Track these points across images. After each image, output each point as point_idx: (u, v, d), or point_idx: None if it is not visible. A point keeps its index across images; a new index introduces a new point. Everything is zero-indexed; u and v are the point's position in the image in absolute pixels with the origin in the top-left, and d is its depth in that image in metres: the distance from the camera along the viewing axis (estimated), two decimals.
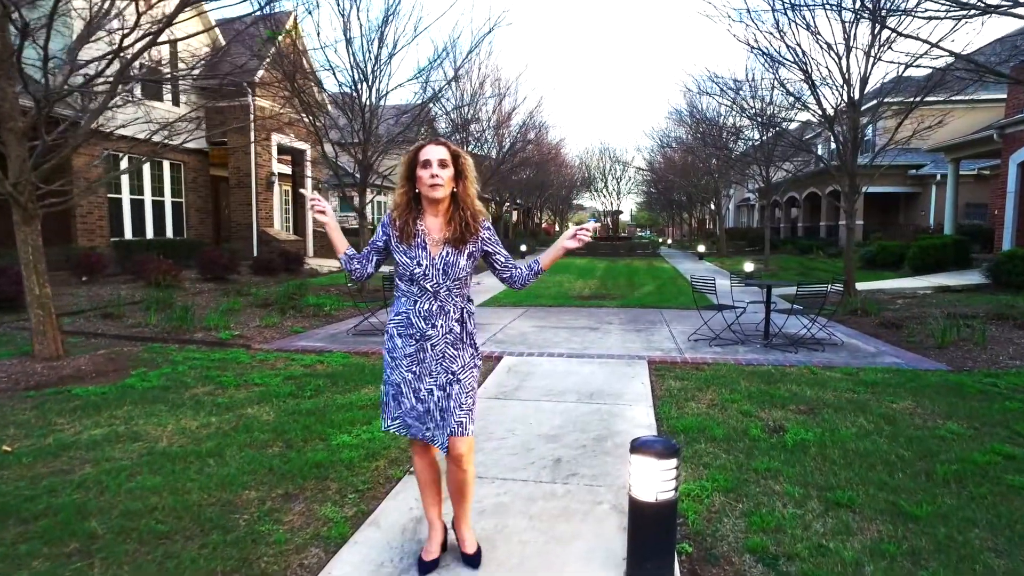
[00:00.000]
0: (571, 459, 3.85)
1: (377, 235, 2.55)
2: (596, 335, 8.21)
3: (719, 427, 4.30)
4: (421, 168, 2.42)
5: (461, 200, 2.48)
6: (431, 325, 2.45)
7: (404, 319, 2.49)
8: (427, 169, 2.40)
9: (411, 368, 2.47)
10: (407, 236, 2.45)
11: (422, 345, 2.46)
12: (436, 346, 2.46)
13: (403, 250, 2.45)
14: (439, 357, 2.47)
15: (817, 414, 4.60)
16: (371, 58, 12.60)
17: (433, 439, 2.47)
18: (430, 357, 2.46)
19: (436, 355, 2.46)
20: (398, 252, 2.47)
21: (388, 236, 2.51)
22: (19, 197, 5.61)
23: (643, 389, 5.43)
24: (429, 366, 2.46)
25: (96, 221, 13.58)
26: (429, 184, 2.40)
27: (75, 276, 11.46)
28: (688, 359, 6.61)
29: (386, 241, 2.53)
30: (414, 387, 2.47)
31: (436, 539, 2.65)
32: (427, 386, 2.46)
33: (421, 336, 2.46)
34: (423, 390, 2.46)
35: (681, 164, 28.93)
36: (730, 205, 45.15)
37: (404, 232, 2.46)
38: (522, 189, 34.69)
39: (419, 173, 2.42)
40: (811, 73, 11.34)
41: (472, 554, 2.61)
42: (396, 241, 2.48)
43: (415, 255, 2.43)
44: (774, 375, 5.80)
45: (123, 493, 3.31)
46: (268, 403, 4.95)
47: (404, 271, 2.46)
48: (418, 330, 2.46)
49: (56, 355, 5.91)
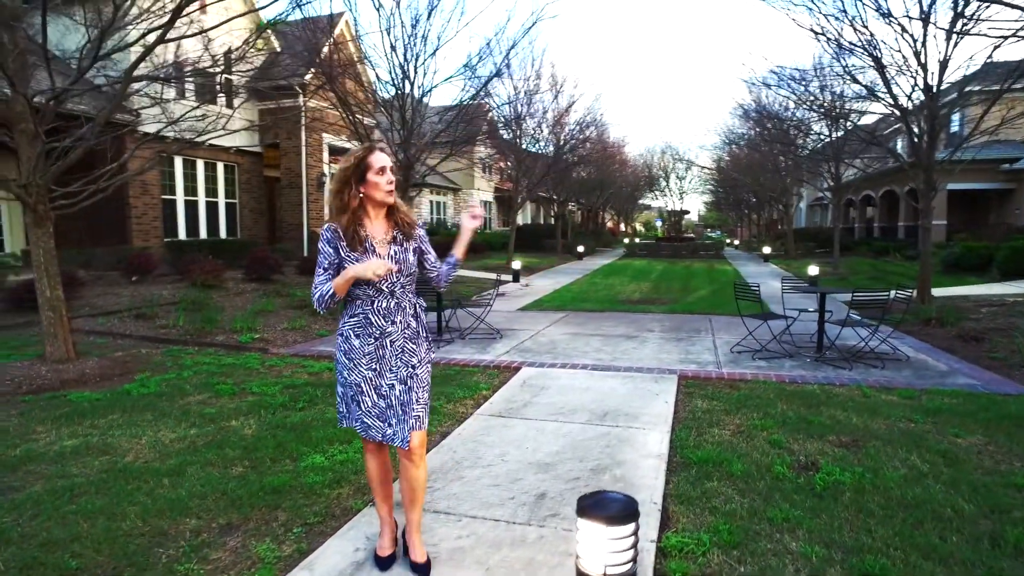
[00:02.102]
0: (557, 495, 3.36)
1: (325, 253, 2.49)
2: (631, 344, 7.62)
3: (739, 461, 3.70)
4: (377, 174, 2.47)
5: (396, 203, 2.57)
6: (391, 322, 2.53)
7: (361, 319, 2.52)
8: (383, 175, 2.47)
9: (371, 366, 2.52)
10: (358, 242, 2.47)
11: (382, 343, 2.51)
12: (395, 342, 2.53)
13: (355, 257, 2.46)
14: (399, 352, 2.54)
15: (860, 448, 3.90)
16: (412, 55, 12.39)
17: (393, 437, 2.50)
18: (390, 353, 2.52)
19: (395, 351, 2.53)
20: (349, 260, 2.46)
21: (336, 248, 2.48)
22: (28, 199, 5.60)
23: (664, 410, 4.85)
24: (389, 362, 2.52)
25: (151, 222, 14.00)
26: (387, 189, 2.48)
27: (126, 276, 11.78)
28: (725, 375, 5.95)
29: (335, 255, 2.48)
30: (375, 384, 2.52)
31: (388, 535, 2.70)
32: (388, 381, 2.52)
33: (381, 334, 2.51)
34: (384, 386, 2.52)
35: (747, 162, 27.50)
36: (802, 204, 42.88)
37: (355, 238, 2.47)
38: (581, 188, 33.95)
39: (374, 179, 2.47)
40: (881, 58, 10.28)
41: (422, 563, 2.59)
42: (346, 250, 2.47)
43: (368, 259, 2.44)
44: (818, 397, 5.08)
45: (57, 517, 3.06)
46: (255, 415, 4.68)
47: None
48: (378, 328, 2.51)
49: (66, 358, 5.89)
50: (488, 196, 38.86)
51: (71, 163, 5.87)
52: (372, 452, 2.64)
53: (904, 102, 10.64)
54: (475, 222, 2.64)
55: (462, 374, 6.09)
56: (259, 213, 17.87)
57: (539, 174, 22.32)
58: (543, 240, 30.77)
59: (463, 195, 36.92)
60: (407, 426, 2.49)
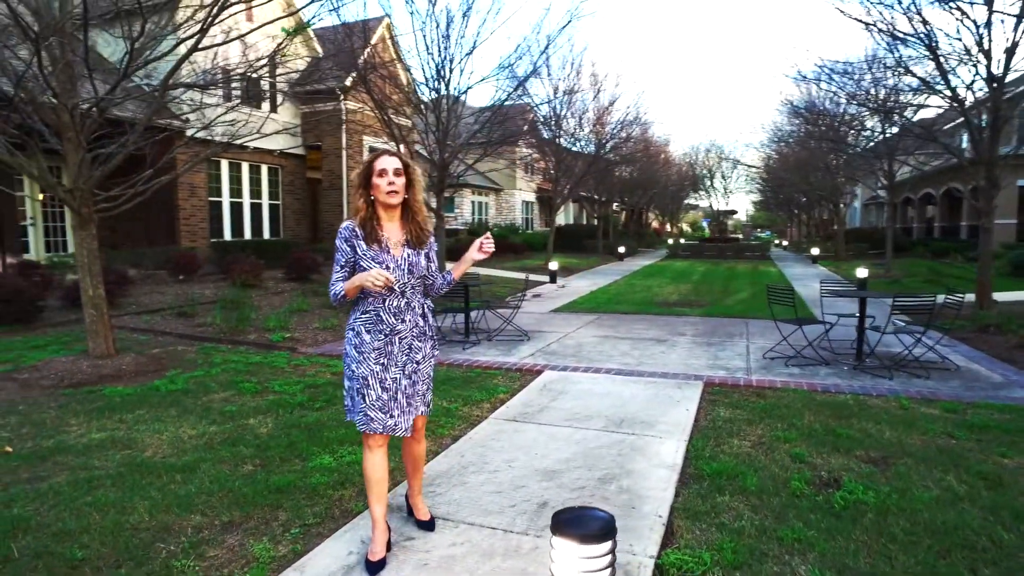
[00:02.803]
0: (559, 504, 3.27)
1: (342, 251, 2.63)
2: (660, 348, 7.45)
3: (756, 474, 3.54)
4: (377, 177, 2.59)
5: (411, 207, 2.70)
6: (400, 320, 2.66)
7: (373, 316, 2.64)
8: (383, 178, 2.58)
9: (379, 360, 2.63)
10: (374, 239, 2.60)
11: (391, 339, 2.65)
12: (404, 339, 2.67)
13: (371, 255, 2.59)
14: (406, 349, 2.68)
15: (890, 465, 3.68)
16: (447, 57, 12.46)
17: (395, 428, 2.64)
18: (397, 349, 2.66)
19: (403, 348, 2.67)
20: (366, 258, 2.59)
21: (353, 246, 2.61)
22: (73, 203, 5.84)
23: (684, 418, 4.70)
24: (396, 358, 2.66)
25: (198, 223, 14.50)
26: (386, 191, 2.58)
27: (173, 275, 12.22)
28: (753, 382, 5.73)
29: (352, 253, 2.61)
30: (380, 377, 2.63)
31: (381, 539, 2.70)
32: (392, 375, 2.65)
33: (391, 331, 2.64)
34: (388, 379, 2.64)
35: (795, 160, 26.59)
36: (856, 204, 41.24)
37: (371, 236, 2.60)
38: (624, 188, 33.49)
39: (376, 181, 2.59)
40: (938, 48, 9.74)
41: (428, 520, 2.95)
42: (364, 248, 2.60)
43: (383, 258, 2.60)
44: (850, 408, 4.83)
45: (73, 508, 3.17)
46: (273, 414, 4.76)
47: None
48: (388, 326, 2.64)
49: (107, 354, 6.13)
50: (530, 196, 38.78)
51: (112, 168, 6.10)
52: (371, 449, 2.68)
53: (964, 94, 10.06)
54: (480, 256, 2.69)
55: (483, 376, 6.05)
56: (302, 214, 18.29)
57: (579, 174, 22.11)
58: (584, 240, 30.51)
59: (505, 195, 36.94)
60: (410, 417, 2.69)
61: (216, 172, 15.30)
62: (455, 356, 6.99)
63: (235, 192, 15.90)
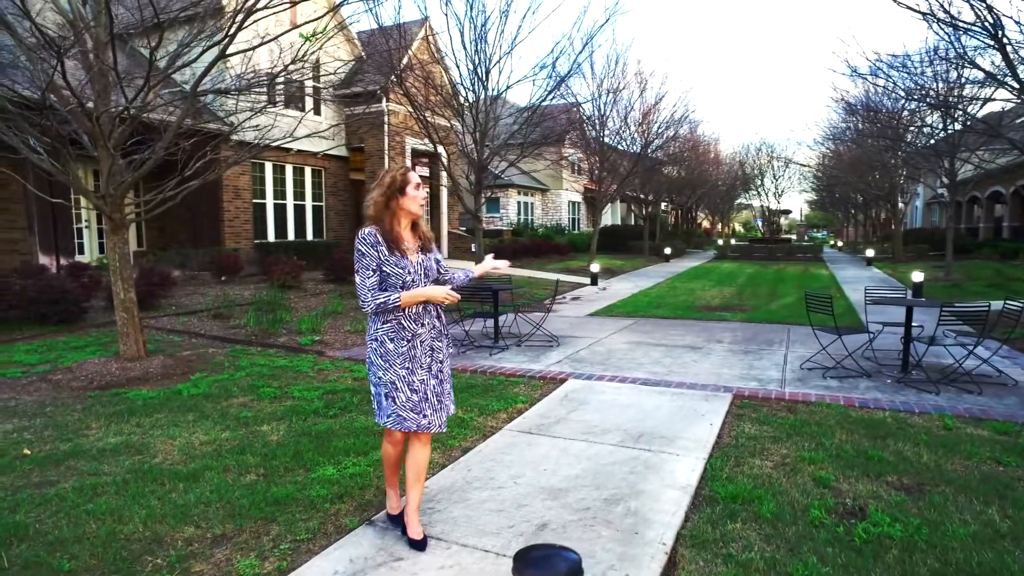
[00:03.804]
0: (560, 527, 3.12)
1: (371, 256, 2.74)
2: (692, 356, 7.17)
3: (773, 499, 3.30)
4: (415, 188, 2.80)
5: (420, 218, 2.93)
6: (420, 324, 2.82)
7: (395, 324, 2.78)
8: (419, 190, 2.81)
9: (404, 365, 2.78)
10: (396, 247, 2.75)
11: (413, 344, 2.80)
12: (424, 342, 2.83)
13: (394, 261, 2.74)
14: (428, 351, 2.84)
15: (924, 494, 3.37)
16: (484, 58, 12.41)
17: (429, 426, 2.82)
18: (420, 352, 2.82)
19: (425, 350, 2.84)
20: (389, 264, 2.73)
21: (378, 252, 2.73)
22: (105, 208, 6.00)
23: (707, 433, 4.46)
24: (420, 360, 2.82)
25: (242, 225, 14.87)
26: (420, 203, 2.81)
27: (216, 276, 12.55)
28: (786, 395, 5.42)
29: (379, 259, 2.73)
30: (408, 380, 2.78)
31: (396, 497, 3.11)
32: (420, 377, 2.80)
33: (412, 336, 2.80)
34: (416, 382, 2.80)
35: (849, 158, 25.44)
36: (918, 203, 39.30)
37: (396, 243, 2.75)
38: (670, 187, 32.81)
39: (413, 193, 2.79)
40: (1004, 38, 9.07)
41: (420, 540, 2.91)
42: (387, 254, 2.73)
43: (405, 264, 2.76)
44: (887, 426, 4.48)
45: (73, 515, 3.20)
46: (287, 420, 4.76)
47: (396, 280, 2.75)
48: (410, 331, 2.79)
49: (137, 356, 6.28)
50: (576, 196, 38.45)
51: (145, 173, 6.24)
52: (393, 443, 2.97)
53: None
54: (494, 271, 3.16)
55: (505, 384, 5.93)
56: (344, 215, 18.56)
57: (623, 173, 21.73)
58: (630, 241, 30.03)
59: (551, 195, 36.72)
60: (445, 413, 2.90)
61: (260, 175, 15.67)
62: (481, 362, 6.90)
63: (279, 194, 16.26)
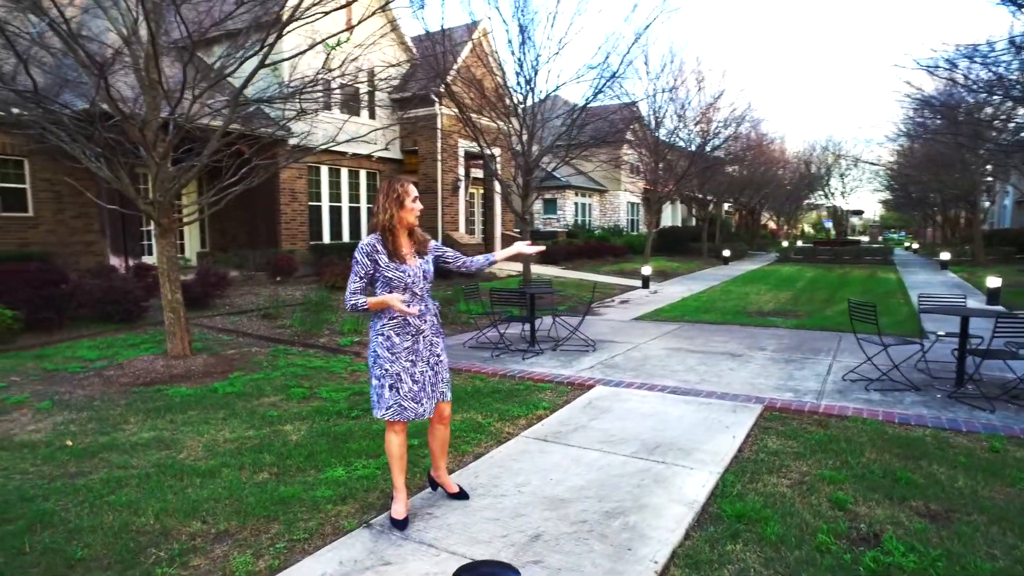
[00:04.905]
0: (553, 539, 3.08)
1: (363, 265, 3.04)
2: (729, 364, 6.94)
3: (781, 520, 3.14)
4: (412, 202, 3.11)
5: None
6: (423, 321, 3.16)
7: (400, 320, 3.09)
8: (417, 203, 3.14)
9: (408, 358, 3.11)
10: (396, 254, 3.06)
11: (416, 339, 3.13)
12: (426, 336, 3.17)
13: (394, 266, 3.05)
14: (428, 345, 3.19)
15: (952, 522, 3.13)
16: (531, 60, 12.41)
17: (424, 413, 3.14)
18: (422, 347, 3.16)
19: (426, 344, 3.18)
20: (390, 269, 3.05)
21: (375, 260, 3.04)
22: (154, 214, 6.35)
23: (727, 446, 4.30)
24: (422, 354, 3.16)
25: (298, 227, 15.42)
26: (416, 214, 3.13)
27: (271, 277, 13.06)
28: (820, 408, 5.16)
29: (373, 267, 3.05)
30: (411, 372, 3.11)
31: (404, 502, 3.22)
32: (420, 369, 3.14)
33: (416, 331, 3.13)
34: (417, 373, 3.13)
35: (924, 156, 23.96)
36: (1007, 202, 36.54)
37: (395, 250, 3.06)
38: (730, 187, 31.84)
39: (410, 205, 3.11)
40: None
41: (459, 491, 3.46)
42: (386, 260, 3.04)
43: (404, 268, 3.06)
44: (924, 446, 4.19)
45: (95, 506, 3.39)
46: (310, 421, 4.89)
47: (399, 283, 3.06)
48: (414, 327, 3.12)
49: (182, 354, 6.60)
50: (635, 198, 37.88)
51: (191, 180, 6.56)
52: (396, 432, 3.18)
53: None
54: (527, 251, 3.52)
55: (530, 390, 5.90)
56: None
57: (679, 172, 21.27)
58: (689, 243, 29.34)
59: (609, 196, 36.34)
60: (434, 401, 3.21)
61: (316, 178, 16.20)
62: (512, 367, 6.88)
63: (334, 197, 16.76)
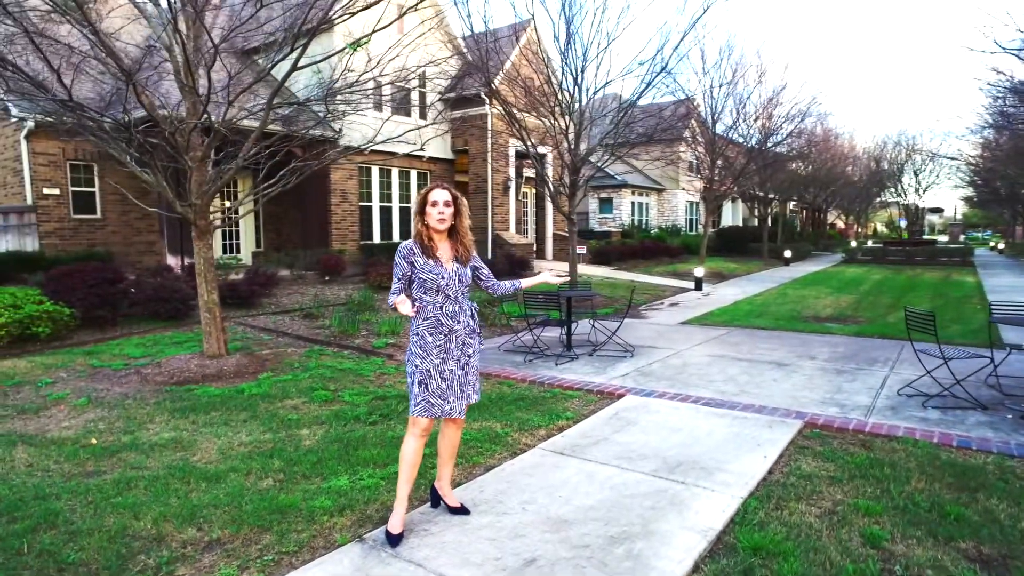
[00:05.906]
0: (548, 564, 2.88)
1: (400, 267, 3.15)
2: (774, 375, 6.52)
3: (802, 557, 2.84)
4: (431, 207, 3.13)
5: (458, 230, 3.23)
6: (456, 321, 3.20)
7: (433, 321, 3.16)
8: (435, 208, 3.13)
9: (440, 355, 3.16)
10: (431, 255, 3.14)
11: (449, 338, 3.18)
12: (459, 337, 3.21)
13: (430, 267, 3.14)
14: (460, 345, 3.22)
15: (1007, 572, 2.74)
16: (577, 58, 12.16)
17: (451, 411, 3.17)
18: (454, 346, 3.19)
19: (458, 344, 3.21)
20: (425, 271, 3.13)
21: (411, 262, 3.14)
22: (191, 215, 6.49)
23: (756, 467, 3.98)
24: (453, 353, 3.19)
25: (348, 227, 15.66)
26: (436, 219, 3.13)
27: (320, 277, 13.31)
28: (867, 426, 4.74)
29: (410, 268, 3.14)
30: (440, 370, 3.16)
31: (402, 515, 3.17)
32: (450, 367, 3.18)
33: (449, 331, 3.18)
34: (447, 371, 3.17)
35: (1012, 149, 22.18)
36: None
37: (429, 252, 3.14)
38: (792, 185, 30.46)
39: (430, 210, 3.13)
40: None
41: (459, 506, 3.41)
42: (422, 261, 3.13)
43: (439, 271, 3.14)
44: (983, 475, 3.74)
45: (101, 507, 3.43)
46: (327, 425, 4.85)
47: (432, 284, 3.14)
48: (446, 327, 3.17)
49: (217, 354, 6.73)
50: (694, 196, 36.87)
51: (226, 182, 6.68)
52: (416, 437, 3.18)
53: None
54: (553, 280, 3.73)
55: (557, 398, 5.70)
56: None
57: (737, 169, 20.46)
58: (749, 243, 28.27)
59: (667, 195, 35.53)
60: (464, 402, 3.24)
61: (367, 178, 16.42)
62: (543, 373, 6.69)
63: (384, 197, 16.96)
